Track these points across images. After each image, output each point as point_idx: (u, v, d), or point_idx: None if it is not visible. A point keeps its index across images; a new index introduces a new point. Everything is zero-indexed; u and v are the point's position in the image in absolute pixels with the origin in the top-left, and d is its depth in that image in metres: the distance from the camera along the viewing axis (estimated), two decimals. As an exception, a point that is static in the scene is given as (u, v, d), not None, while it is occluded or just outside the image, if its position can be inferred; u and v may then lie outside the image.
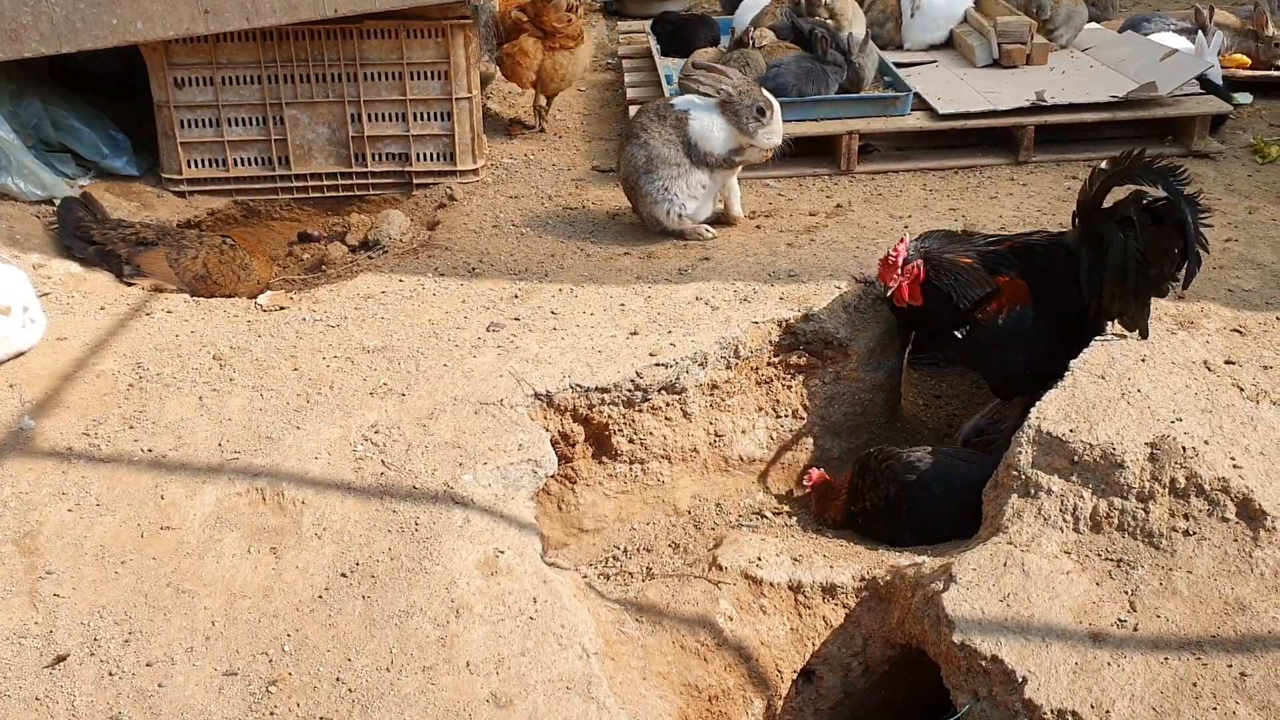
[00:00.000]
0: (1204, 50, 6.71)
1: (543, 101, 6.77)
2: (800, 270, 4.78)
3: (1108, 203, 4.14)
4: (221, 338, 4.37)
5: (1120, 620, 3.23)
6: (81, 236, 5.04)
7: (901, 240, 4.26)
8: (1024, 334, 4.20)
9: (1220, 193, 5.64)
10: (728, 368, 4.37)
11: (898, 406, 4.85)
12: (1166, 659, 3.11)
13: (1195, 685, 3.03)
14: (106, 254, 4.97)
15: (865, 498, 4.12)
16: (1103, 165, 4.06)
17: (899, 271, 4.22)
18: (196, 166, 5.87)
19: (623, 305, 4.58)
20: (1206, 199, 5.50)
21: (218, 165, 5.88)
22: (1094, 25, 7.54)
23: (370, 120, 5.85)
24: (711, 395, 4.39)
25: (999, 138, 6.21)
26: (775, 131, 5.08)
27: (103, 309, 4.62)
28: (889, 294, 4.29)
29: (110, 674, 2.98)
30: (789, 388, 4.56)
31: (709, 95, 5.03)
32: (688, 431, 4.40)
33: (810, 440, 4.61)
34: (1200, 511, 3.45)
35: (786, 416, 4.60)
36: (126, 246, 4.98)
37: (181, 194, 5.85)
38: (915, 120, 6.15)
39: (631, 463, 4.35)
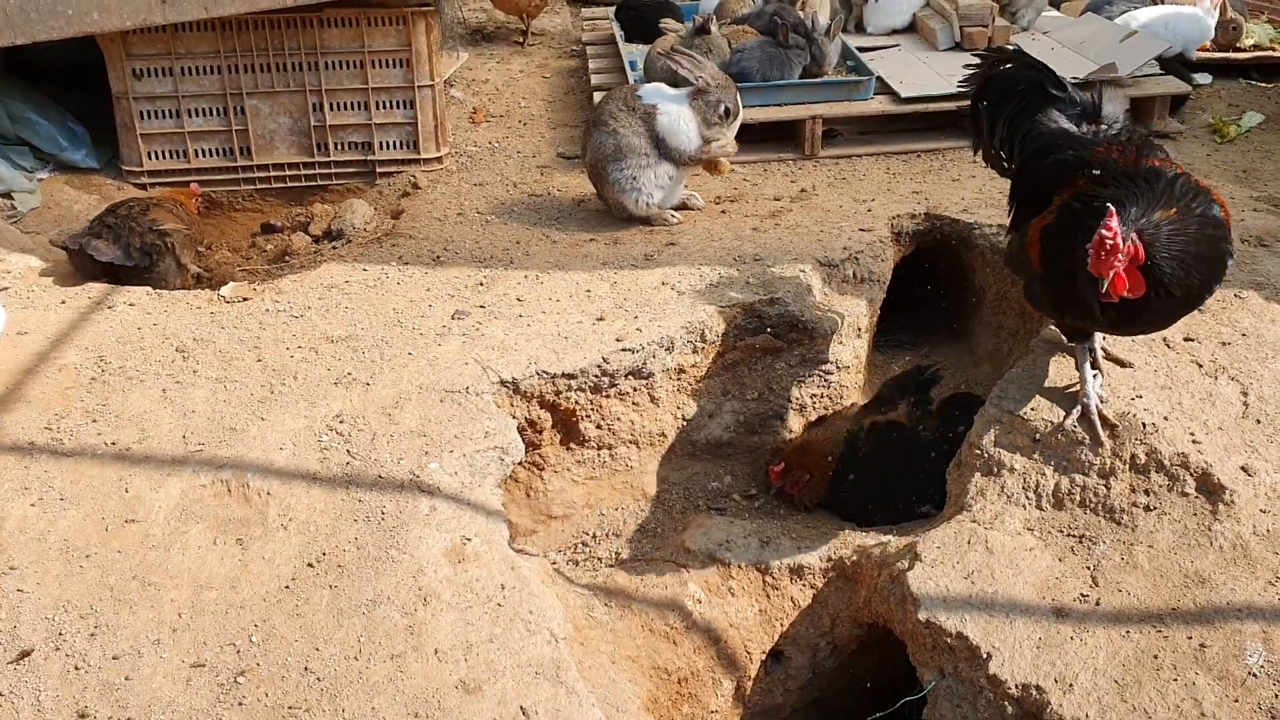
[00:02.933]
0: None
1: (528, 23, 8.13)
2: (765, 254, 4.79)
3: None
4: (184, 330, 4.34)
5: (1083, 595, 3.28)
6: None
7: (1110, 215, 3.04)
8: None
9: (1179, 172, 5.69)
10: (694, 352, 4.38)
11: (864, 388, 4.88)
12: (1128, 632, 3.16)
13: (1156, 657, 3.08)
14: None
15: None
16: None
17: (1118, 257, 3.03)
18: (157, 158, 5.82)
19: (589, 291, 4.58)
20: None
21: (178, 157, 5.83)
22: (1053, 12, 7.61)
23: (332, 109, 5.82)
24: (678, 380, 4.40)
25: (961, 120, 6.23)
26: (730, 138, 5.19)
27: (64, 302, 4.58)
28: (1103, 289, 3.07)
29: (76, 668, 2.96)
30: (755, 371, 4.58)
31: (687, 79, 5.05)
32: (655, 416, 4.41)
33: (778, 423, 4.63)
34: (1160, 487, 3.50)
35: (753, 400, 4.62)
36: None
37: (142, 186, 5.80)
38: (878, 104, 6.17)
39: (599, 448, 4.36)
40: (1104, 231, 2.98)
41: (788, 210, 5.33)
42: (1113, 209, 3.02)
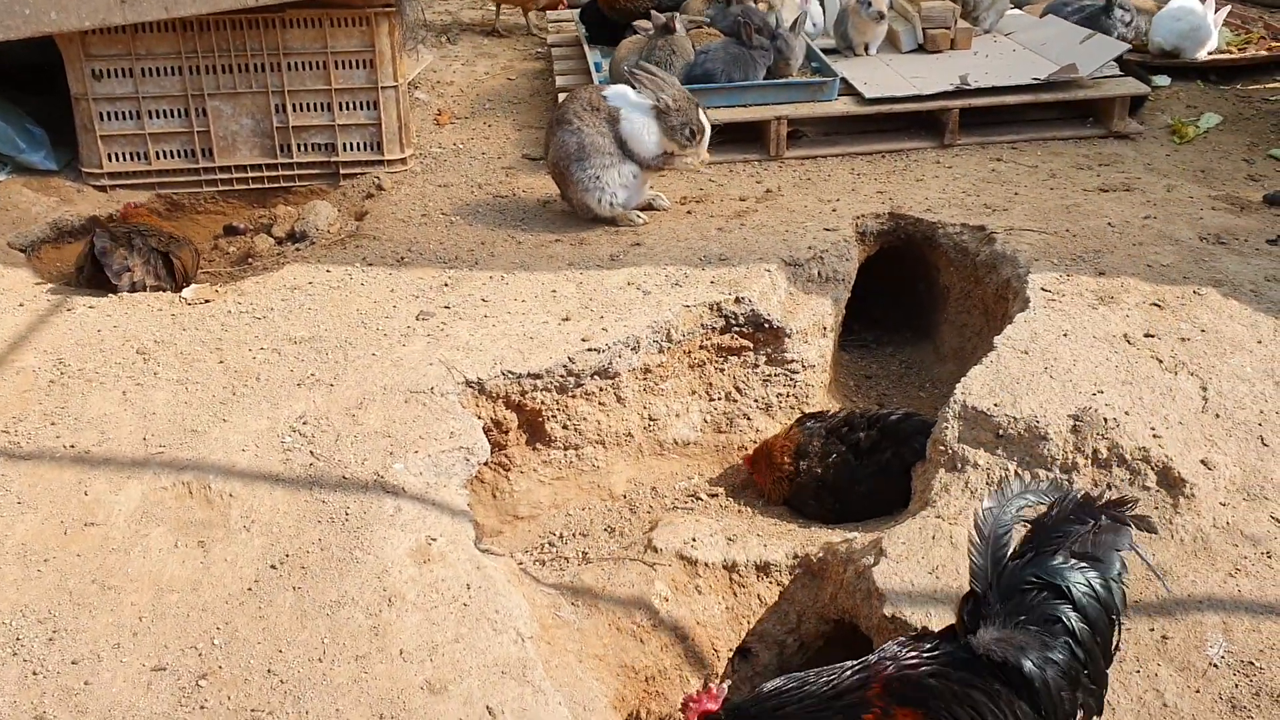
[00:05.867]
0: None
1: (533, 17, 8.51)
2: (731, 254, 4.80)
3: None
4: (145, 332, 4.30)
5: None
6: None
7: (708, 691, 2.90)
8: None
9: (1140, 172, 5.76)
10: (660, 351, 4.38)
11: (830, 386, 4.90)
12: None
13: (1119, 650, 3.09)
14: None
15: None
16: (986, 506, 2.73)
17: None
18: (117, 160, 5.76)
19: (554, 291, 4.57)
20: (1127, 178, 5.68)
21: (139, 159, 5.77)
22: (1015, 10, 7.67)
23: (295, 110, 5.78)
24: (645, 379, 4.40)
25: (925, 121, 6.28)
26: (701, 153, 5.20)
27: (22, 305, 4.52)
28: None
29: (34, 673, 2.92)
30: (722, 370, 4.58)
31: (647, 99, 5.04)
32: (622, 416, 4.41)
33: (744, 422, 4.64)
34: (1122, 481, 3.53)
35: (720, 399, 4.62)
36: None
37: (103, 188, 5.74)
38: (842, 105, 6.20)
39: (566, 448, 4.35)
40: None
41: (753, 210, 5.34)
42: None
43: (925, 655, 2.70)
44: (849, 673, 2.74)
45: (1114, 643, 2.70)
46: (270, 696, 2.89)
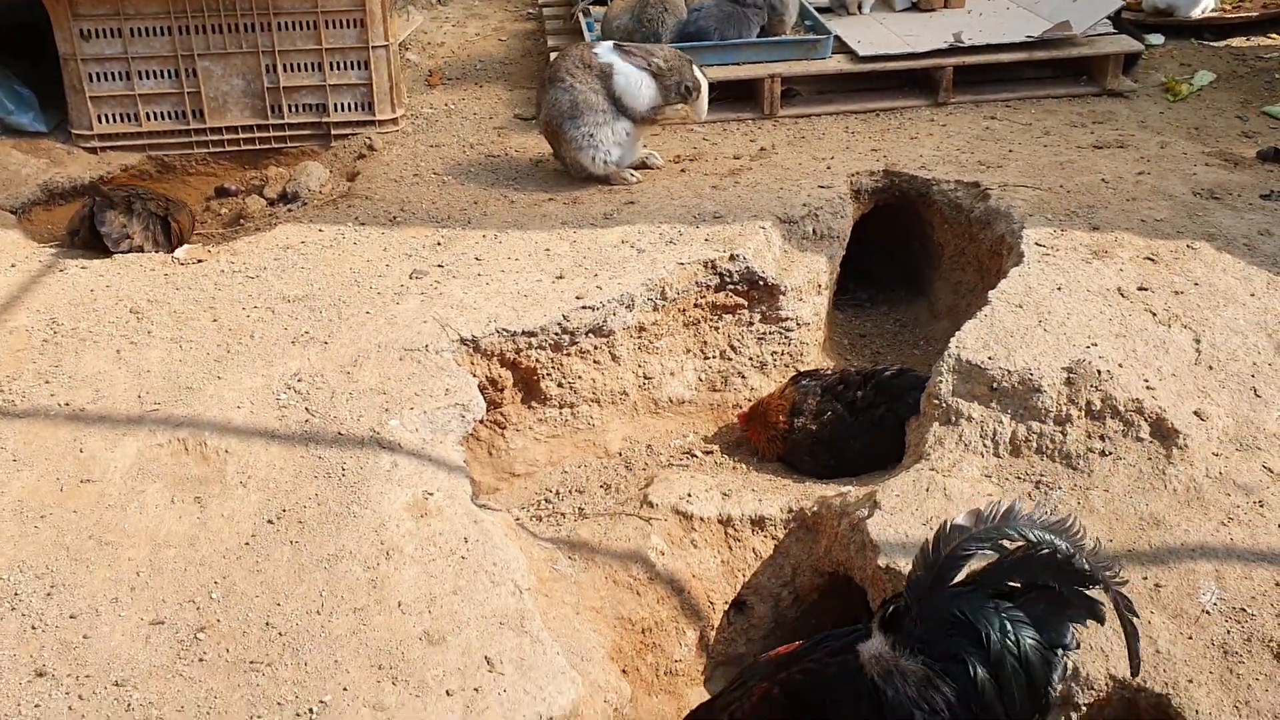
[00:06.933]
0: None
1: None
2: (725, 212, 4.79)
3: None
4: (138, 291, 4.28)
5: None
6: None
7: None
8: None
9: (1134, 129, 5.76)
10: (655, 310, 4.38)
11: (824, 345, 4.90)
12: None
13: None
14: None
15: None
16: (958, 521, 2.47)
17: None
18: (107, 121, 5.72)
19: (548, 250, 4.56)
20: (1121, 135, 5.67)
21: (129, 120, 5.73)
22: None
23: (286, 71, 5.74)
24: (639, 338, 4.40)
25: (919, 80, 6.26)
26: (702, 109, 5.18)
27: (14, 266, 4.50)
28: None
29: (33, 628, 2.92)
30: (717, 329, 4.58)
31: (640, 66, 5.03)
32: (616, 374, 4.41)
33: (739, 380, 4.65)
34: (1116, 432, 3.54)
35: (715, 358, 4.63)
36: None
37: (93, 150, 5.70)
38: (836, 63, 6.16)
39: (561, 407, 4.35)
40: None
41: (747, 168, 5.32)
42: None
43: (819, 656, 2.62)
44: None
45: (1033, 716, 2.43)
46: (269, 648, 2.90)
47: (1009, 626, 2.40)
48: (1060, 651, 2.43)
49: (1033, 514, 2.45)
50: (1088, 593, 2.42)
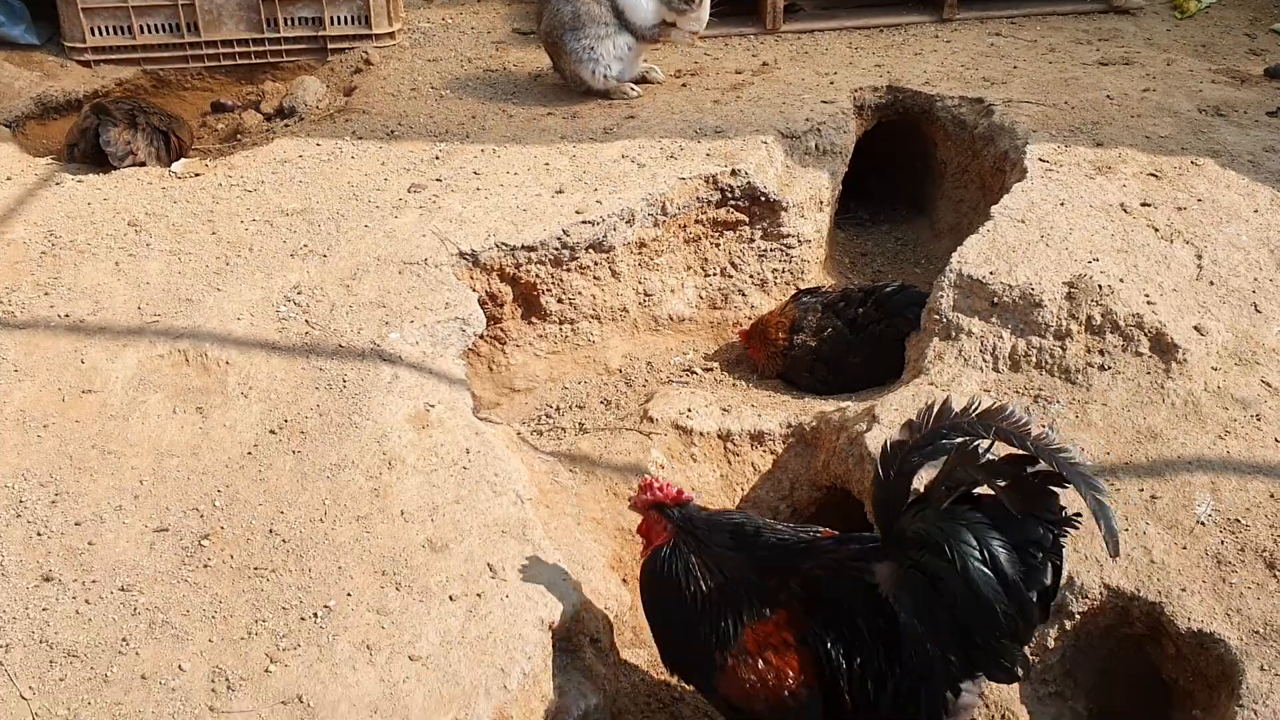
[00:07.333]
0: None
1: None
2: (727, 127, 4.74)
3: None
4: (136, 204, 4.25)
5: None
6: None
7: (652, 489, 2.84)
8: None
9: (1140, 46, 5.68)
10: (655, 225, 4.35)
11: (825, 263, 4.88)
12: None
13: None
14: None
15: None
16: (894, 437, 2.48)
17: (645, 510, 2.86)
18: (101, 34, 5.63)
19: (547, 165, 4.53)
20: (1126, 52, 5.60)
21: (123, 32, 5.64)
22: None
23: (281, -18, 5.64)
24: (640, 254, 4.38)
25: (923, -4, 6.17)
26: (700, 20, 5.09)
27: (9, 179, 4.46)
28: None
29: (38, 534, 2.95)
30: (717, 246, 4.56)
31: None
32: (617, 291, 4.40)
33: (739, 298, 4.64)
34: (1115, 347, 3.54)
35: (715, 275, 4.61)
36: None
37: (86, 63, 5.62)
38: (840, -23, 6.07)
39: (561, 323, 4.35)
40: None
41: (749, 83, 5.26)
42: None
43: (845, 552, 2.63)
44: (795, 543, 2.70)
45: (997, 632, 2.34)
46: (273, 555, 2.93)
47: (967, 535, 2.32)
48: (1038, 552, 2.32)
49: (965, 407, 2.35)
50: (1046, 488, 2.29)
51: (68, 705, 2.56)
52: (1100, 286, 3.63)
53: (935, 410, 2.39)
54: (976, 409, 2.36)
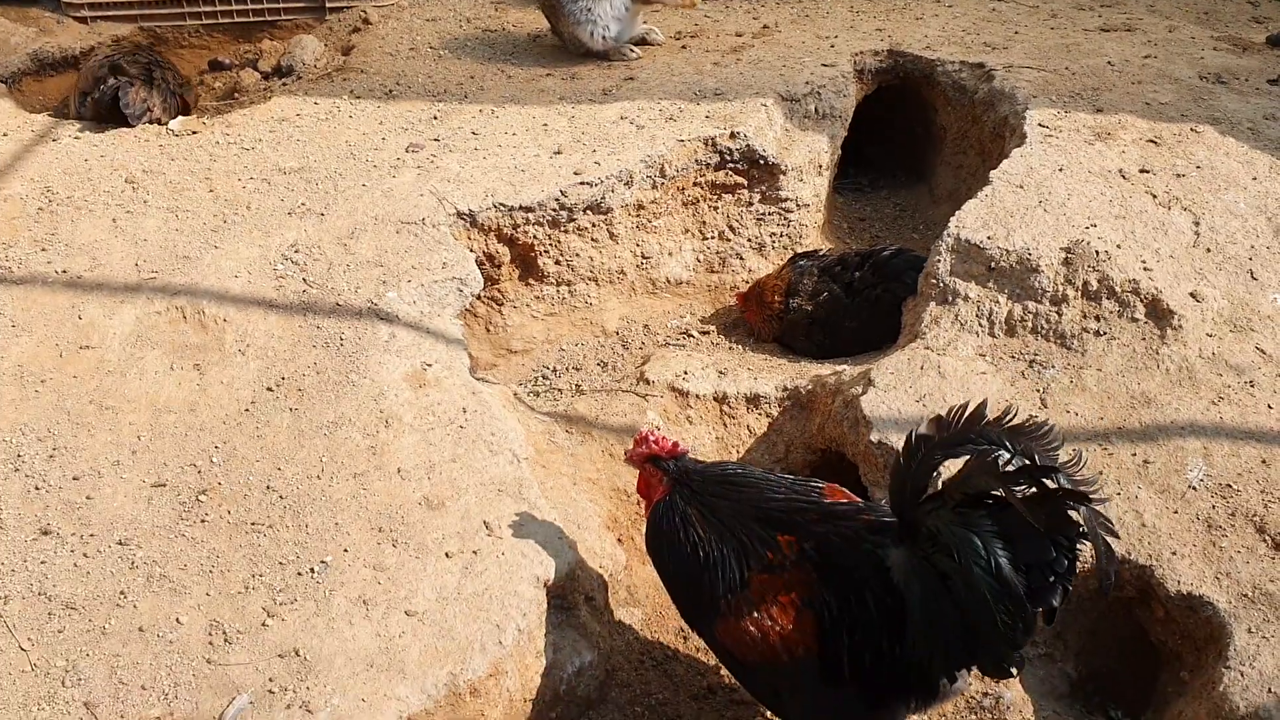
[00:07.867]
0: None
1: None
2: (727, 89, 4.72)
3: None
4: (133, 161, 4.24)
5: (1032, 417, 3.33)
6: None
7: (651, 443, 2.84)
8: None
9: (1142, 13, 5.66)
10: (654, 188, 4.35)
11: (823, 228, 4.88)
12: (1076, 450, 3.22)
13: (1101, 473, 3.16)
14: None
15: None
16: (921, 430, 2.49)
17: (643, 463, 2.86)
18: (97, -10, 5.59)
19: (545, 125, 4.51)
20: (1128, 18, 5.57)
21: (120, -11, 5.61)
22: None
23: (278, -61, 5.60)
24: (638, 216, 4.38)
25: (926, -41, 6.11)
26: None
27: (6, 135, 4.44)
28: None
29: (36, 488, 2.97)
30: (715, 209, 4.56)
31: None
32: (614, 253, 4.39)
33: (737, 262, 4.64)
34: (1111, 313, 3.56)
35: (713, 238, 4.61)
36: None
37: (82, 19, 5.58)
38: (842, -60, 6.01)
39: (559, 284, 4.35)
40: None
41: (749, 46, 5.24)
42: None
43: (860, 522, 2.64)
44: (800, 498, 2.72)
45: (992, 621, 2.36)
46: (270, 511, 2.95)
47: (977, 544, 2.35)
48: (1052, 576, 2.34)
49: (999, 417, 2.38)
50: (1067, 513, 2.33)
51: (66, 656, 2.58)
52: (1097, 252, 3.63)
53: (968, 414, 2.42)
54: (1009, 421, 2.39)
